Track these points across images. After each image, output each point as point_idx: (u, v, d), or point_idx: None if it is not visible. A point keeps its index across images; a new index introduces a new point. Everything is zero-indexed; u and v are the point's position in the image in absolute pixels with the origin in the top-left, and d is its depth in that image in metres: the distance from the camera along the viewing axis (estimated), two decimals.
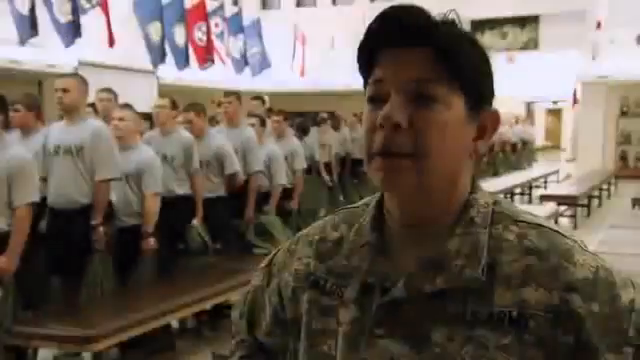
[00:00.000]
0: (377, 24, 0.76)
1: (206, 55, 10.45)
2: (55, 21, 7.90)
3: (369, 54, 0.78)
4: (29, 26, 7.57)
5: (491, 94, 0.80)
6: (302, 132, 6.69)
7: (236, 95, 5.06)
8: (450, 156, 0.75)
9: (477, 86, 0.77)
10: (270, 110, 6.03)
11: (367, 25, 0.77)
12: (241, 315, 1.02)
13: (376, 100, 0.77)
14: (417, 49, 0.74)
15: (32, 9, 7.58)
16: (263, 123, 5.50)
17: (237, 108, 5.03)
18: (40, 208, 3.60)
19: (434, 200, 0.78)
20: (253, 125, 5.20)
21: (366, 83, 0.79)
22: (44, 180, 3.74)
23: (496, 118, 0.80)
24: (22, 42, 7.61)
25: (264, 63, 12.46)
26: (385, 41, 0.76)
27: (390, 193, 0.80)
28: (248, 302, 1.01)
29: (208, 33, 10.53)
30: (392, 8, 0.75)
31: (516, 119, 17.45)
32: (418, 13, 0.75)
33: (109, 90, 4.86)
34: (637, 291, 0.75)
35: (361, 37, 0.79)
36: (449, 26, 0.76)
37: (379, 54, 0.77)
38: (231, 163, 4.68)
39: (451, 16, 0.77)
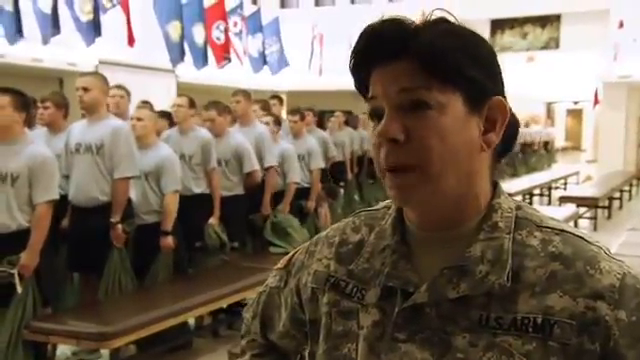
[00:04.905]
0: (359, 44, 0.77)
1: (223, 53, 10.48)
2: (76, 20, 7.96)
3: (363, 73, 0.78)
4: (51, 25, 7.64)
5: (493, 83, 0.76)
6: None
7: (244, 93, 5.06)
8: (456, 157, 0.74)
9: (472, 80, 0.74)
10: (297, 111, 5.90)
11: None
12: (254, 315, 1.02)
13: (375, 116, 0.77)
14: (401, 60, 0.74)
15: (54, 8, 7.64)
16: (278, 122, 5.48)
17: (246, 106, 5.03)
18: (62, 206, 3.64)
19: (452, 203, 0.77)
20: (267, 124, 5.21)
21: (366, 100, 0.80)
22: (66, 178, 3.78)
23: (501, 106, 0.77)
24: (45, 41, 7.67)
25: (282, 62, 12.47)
26: (371, 59, 0.76)
27: (406, 207, 0.80)
28: (262, 302, 1.01)
29: (226, 31, 10.56)
30: (370, 26, 0.76)
31: (536, 120, 17.30)
32: (394, 25, 0.75)
33: (121, 87, 4.86)
34: None
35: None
36: (429, 28, 0.74)
37: (371, 71, 0.77)
38: (250, 161, 4.69)
39: (434, 16, 0.76)
